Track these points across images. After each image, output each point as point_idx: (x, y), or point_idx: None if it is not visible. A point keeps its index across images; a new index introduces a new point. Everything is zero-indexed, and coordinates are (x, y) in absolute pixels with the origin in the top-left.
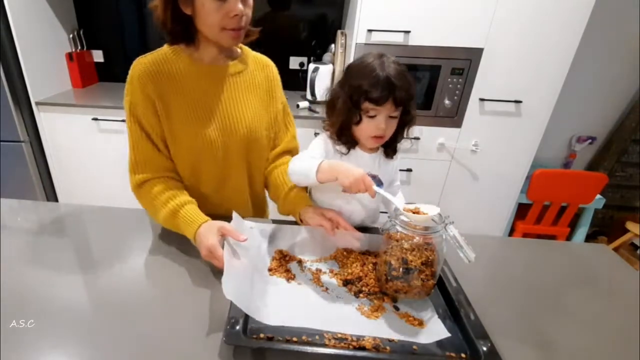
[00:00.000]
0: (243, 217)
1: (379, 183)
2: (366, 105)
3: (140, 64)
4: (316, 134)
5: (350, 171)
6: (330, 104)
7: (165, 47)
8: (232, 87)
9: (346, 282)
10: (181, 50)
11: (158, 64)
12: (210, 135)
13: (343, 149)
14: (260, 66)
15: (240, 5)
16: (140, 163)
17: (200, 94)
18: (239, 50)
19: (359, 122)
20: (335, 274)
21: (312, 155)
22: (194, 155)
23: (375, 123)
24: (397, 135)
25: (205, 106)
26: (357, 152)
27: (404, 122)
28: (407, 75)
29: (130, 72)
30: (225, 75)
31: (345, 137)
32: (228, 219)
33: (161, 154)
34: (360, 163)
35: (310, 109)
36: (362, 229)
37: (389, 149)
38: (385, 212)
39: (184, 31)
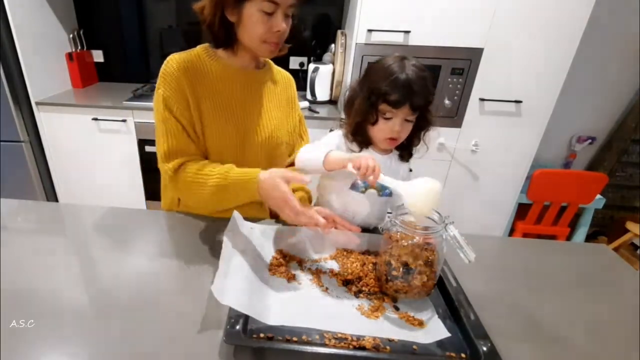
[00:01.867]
0: (258, 220)
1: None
2: (383, 106)
3: (174, 60)
4: (331, 130)
5: (363, 155)
6: (348, 103)
7: (199, 48)
8: (258, 94)
9: (346, 282)
10: (214, 53)
11: (192, 62)
12: (234, 137)
13: (356, 147)
14: (282, 79)
15: (283, 22)
16: (174, 152)
17: (229, 96)
18: (263, 61)
19: (375, 122)
20: (335, 274)
21: (325, 144)
22: (215, 155)
23: (390, 125)
24: (413, 139)
25: (232, 109)
26: (369, 152)
27: (420, 127)
28: (427, 81)
29: (163, 67)
30: (253, 81)
31: (360, 136)
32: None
33: (194, 143)
34: None
35: (310, 109)
36: (367, 229)
37: (405, 152)
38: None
39: (226, 36)
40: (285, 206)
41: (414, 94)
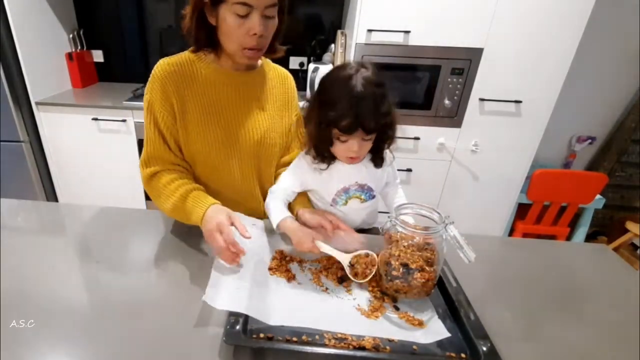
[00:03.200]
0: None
1: (370, 190)
2: (336, 132)
3: (163, 64)
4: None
5: (301, 241)
6: (305, 121)
7: (189, 52)
8: (250, 95)
9: (341, 280)
10: (204, 56)
11: (181, 65)
12: (222, 140)
13: (322, 165)
14: (279, 77)
15: (260, 25)
16: (151, 158)
17: (218, 99)
18: (259, 60)
19: (331, 144)
20: (329, 273)
21: (288, 188)
22: (203, 159)
23: (347, 146)
24: (381, 147)
25: (221, 111)
26: (337, 165)
27: (383, 140)
28: (381, 99)
29: (153, 71)
30: (244, 83)
31: (322, 155)
32: None
33: (172, 152)
34: (342, 175)
35: None
36: (361, 230)
37: (377, 158)
38: (386, 212)
39: (207, 39)
40: (213, 239)
41: (365, 118)
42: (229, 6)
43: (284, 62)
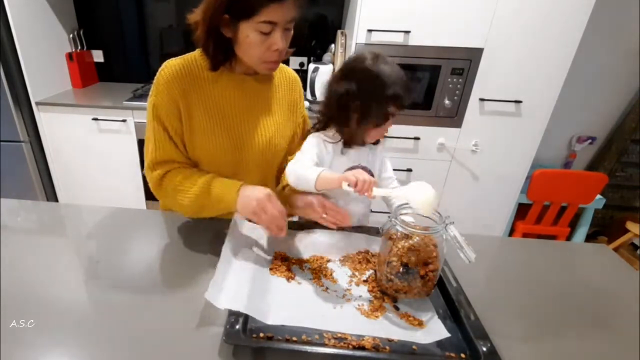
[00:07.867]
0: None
1: (370, 174)
2: (392, 109)
3: (169, 66)
4: (312, 127)
5: (360, 172)
6: (340, 106)
7: (197, 53)
8: (257, 100)
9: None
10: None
11: (187, 67)
12: (228, 144)
13: (338, 146)
14: (286, 80)
15: (282, 40)
16: (160, 162)
17: (224, 102)
18: None
19: (378, 124)
20: (328, 273)
21: (311, 159)
22: (208, 163)
23: (386, 125)
24: None
25: (228, 115)
26: (346, 148)
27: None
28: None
29: (158, 73)
30: (251, 87)
31: (344, 136)
32: None
33: (180, 152)
34: (351, 156)
35: (310, 109)
36: (362, 228)
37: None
38: (386, 212)
39: (224, 55)
40: (265, 210)
41: (410, 94)
42: (252, 24)
43: (284, 62)
